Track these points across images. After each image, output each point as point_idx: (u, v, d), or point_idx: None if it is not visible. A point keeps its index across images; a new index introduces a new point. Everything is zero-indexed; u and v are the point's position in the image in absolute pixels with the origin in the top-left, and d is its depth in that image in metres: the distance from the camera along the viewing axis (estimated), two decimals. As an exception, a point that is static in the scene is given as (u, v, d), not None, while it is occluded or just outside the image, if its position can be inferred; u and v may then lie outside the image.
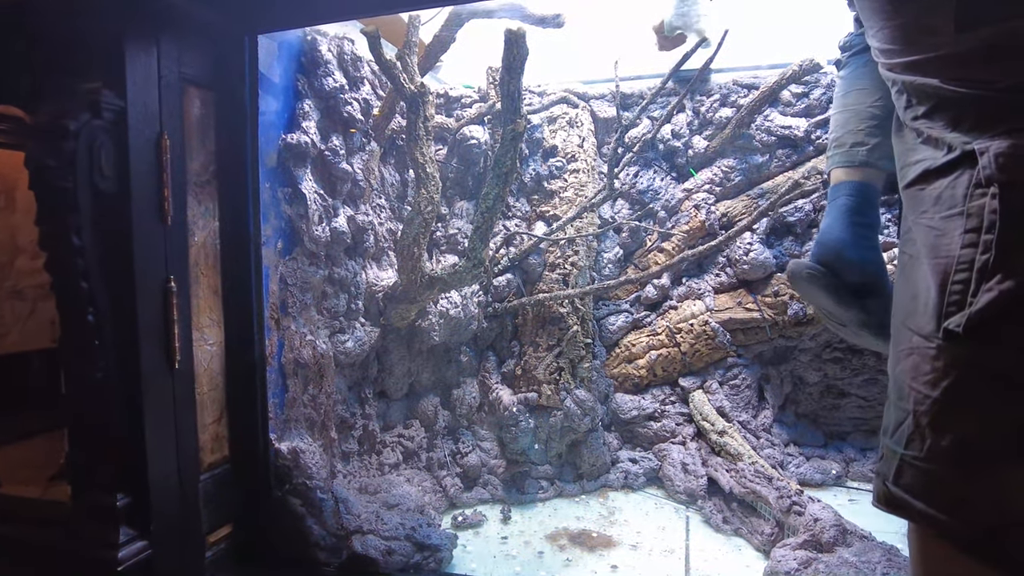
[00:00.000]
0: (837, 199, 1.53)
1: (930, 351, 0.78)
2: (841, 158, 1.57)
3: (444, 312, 2.52)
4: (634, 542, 2.22)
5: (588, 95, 2.97)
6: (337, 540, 1.96)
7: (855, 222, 1.48)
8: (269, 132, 2.00)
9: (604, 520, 2.41)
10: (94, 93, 1.53)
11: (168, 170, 1.67)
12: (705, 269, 2.91)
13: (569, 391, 2.64)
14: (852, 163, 1.54)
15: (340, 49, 2.21)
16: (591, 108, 2.95)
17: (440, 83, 3.04)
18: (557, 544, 2.21)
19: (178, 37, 1.70)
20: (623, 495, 2.66)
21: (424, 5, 1.82)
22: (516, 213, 2.88)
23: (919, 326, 0.82)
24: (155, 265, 1.66)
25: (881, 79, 1.35)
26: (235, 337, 1.94)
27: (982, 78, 0.76)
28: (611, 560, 2.10)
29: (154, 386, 1.65)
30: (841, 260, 1.43)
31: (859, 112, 1.57)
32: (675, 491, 2.57)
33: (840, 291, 1.38)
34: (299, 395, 2.12)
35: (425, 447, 2.61)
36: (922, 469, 0.79)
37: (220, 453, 1.94)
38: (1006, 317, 0.72)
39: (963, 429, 0.75)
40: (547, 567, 2.05)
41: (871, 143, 1.53)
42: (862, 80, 1.60)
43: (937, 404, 0.77)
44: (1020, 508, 0.71)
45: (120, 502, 1.61)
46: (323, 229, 2.11)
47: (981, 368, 0.74)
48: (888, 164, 1.51)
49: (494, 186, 1.95)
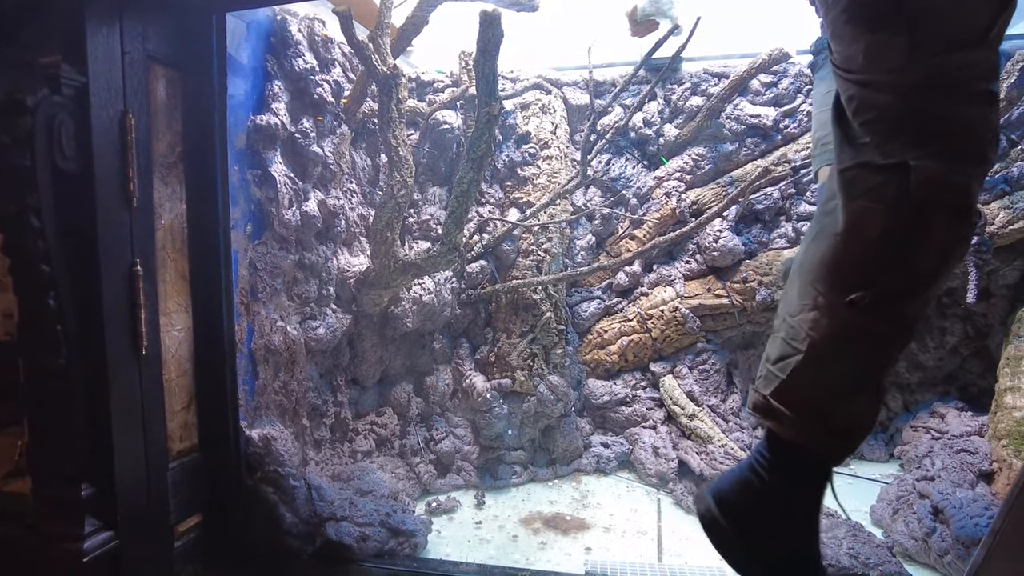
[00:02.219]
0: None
1: (832, 311, 1.00)
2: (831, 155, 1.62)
3: (417, 298, 2.50)
4: (607, 524, 2.25)
5: (561, 82, 2.96)
6: (310, 527, 1.94)
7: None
8: (238, 113, 1.95)
9: (577, 504, 2.43)
10: (52, 67, 1.46)
11: (133, 150, 1.61)
12: (675, 256, 2.95)
13: (542, 377, 2.65)
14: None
15: (311, 30, 2.16)
16: (564, 95, 2.95)
17: (412, 67, 2.99)
18: (531, 528, 2.23)
19: (142, 12, 1.64)
20: (595, 479, 2.69)
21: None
22: (489, 199, 2.87)
23: (826, 289, 1.01)
24: (120, 248, 1.60)
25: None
26: (204, 323, 1.89)
27: (921, 105, 0.92)
28: (585, 542, 2.12)
29: (120, 373, 1.60)
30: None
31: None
32: (646, 474, 2.61)
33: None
34: (270, 382, 2.08)
35: (398, 434, 2.60)
36: (804, 392, 1.04)
37: (189, 441, 1.90)
38: (893, 299, 0.96)
39: (841, 369, 1.01)
40: (522, 550, 2.07)
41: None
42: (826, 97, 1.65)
43: (827, 350, 1.01)
44: (865, 418, 1.02)
45: (84, 492, 1.56)
46: (293, 213, 2.07)
47: (865, 331, 0.98)
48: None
49: (468, 170, 1.94)
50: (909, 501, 2.14)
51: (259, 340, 2.02)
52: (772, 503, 1.11)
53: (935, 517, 1.97)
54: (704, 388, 2.81)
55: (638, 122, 2.97)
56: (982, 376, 2.84)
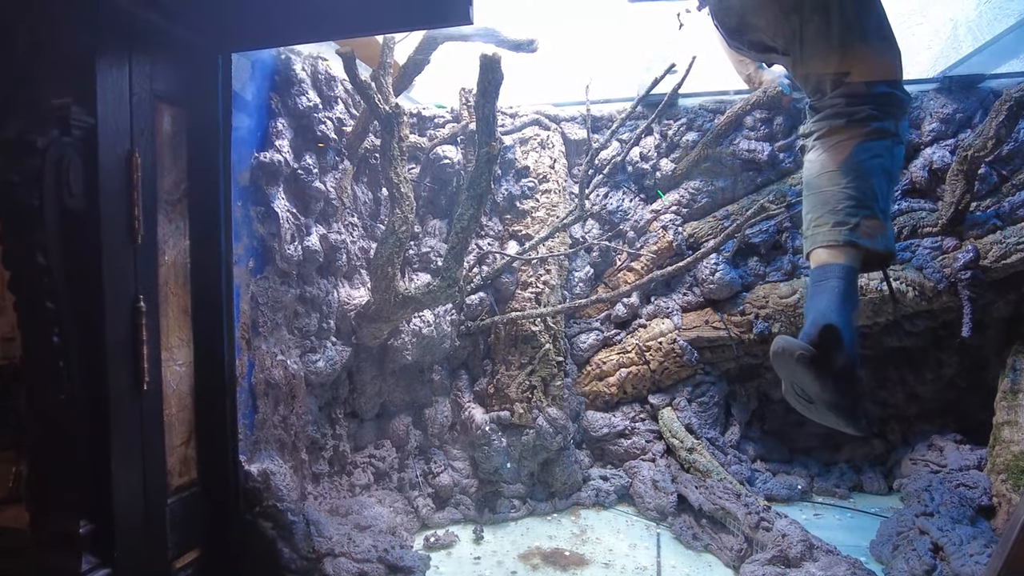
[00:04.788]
0: (828, 280, 1.63)
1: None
2: (825, 237, 1.69)
3: (417, 331, 2.51)
4: (606, 560, 2.24)
5: (560, 117, 3.02)
6: (308, 563, 1.93)
7: (848, 306, 1.56)
8: (241, 150, 1.99)
9: (576, 538, 2.42)
10: (63, 109, 1.50)
11: (138, 188, 1.64)
12: (673, 288, 2.97)
13: (541, 409, 2.66)
14: (837, 242, 1.64)
15: (314, 68, 2.21)
16: (562, 130, 3.01)
17: (413, 103, 3.05)
18: (530, 564, 2.21)
19: (150, 54, 1.69)
20: (595, 513, 2.68)
21: (397, 29, 1.84)
22: (489, 232, 2.90)
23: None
24: (124, 284, 1.62)
25: (850, 161, 1.69)
26: (205, 357, 1.90)
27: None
28: (584, 579, 2.11)
29: (121, 408, 1.61)
30: (836, 345, 1.51)
31: (835, 194, 1.68)
32: (646, 508, 2.60)
33: (825, 374, 1.46)
34: (269, 416, 2.09)
35: (397, 467, 2.59)
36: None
37: (188, 475, 1.89)
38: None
39: None
40: (520, 587, 2.05)
41: (852, 223, 1.64)
42: (832, 163, 1.72)
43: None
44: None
45: (83, 529, 1.55)
46: (295, 248, 2.10)
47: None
48: (867, 242, 1.63)
49: (468, 207, 1.97)
50: (909, 537, 2.13)
51: (259, 374, 2.03)
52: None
53: (935, 554, 1.97)
54: (703, 420, 2.81)
55: (636, 157, 3.01)
56: (980, 408, 2.85)
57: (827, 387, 1.46)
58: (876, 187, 1.66)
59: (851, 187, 1.65)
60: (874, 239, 1.62)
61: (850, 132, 1.69)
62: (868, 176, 1.65)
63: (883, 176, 1.67)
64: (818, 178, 1.74)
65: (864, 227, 1.61)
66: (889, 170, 1.69)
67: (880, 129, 1.68)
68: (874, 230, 1.62)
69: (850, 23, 1.68)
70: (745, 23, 1.85)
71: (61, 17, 1.53)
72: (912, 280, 2.64)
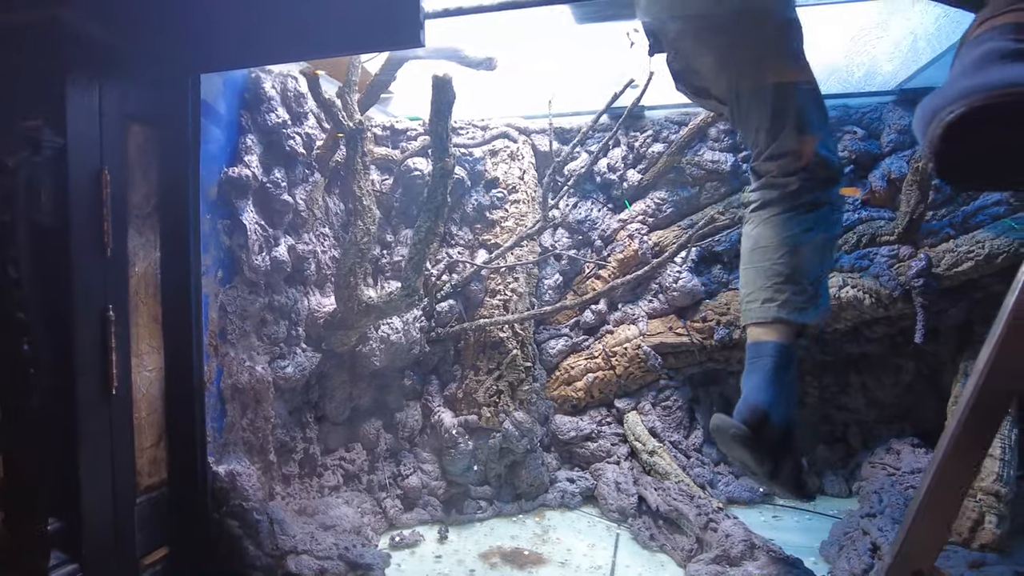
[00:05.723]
0: (760, 358, 1.70)
1: None
2: (755, 314, 1.75)
3: (385, 337, 2.61)
4: (563, 559, 2.32)
5: (530, 129, 3.11)
6: (272, 560, 2.01)
7: (778, 384, 1.64)
8: (211, 165, 2.08)
9: (537, 538, 2.50)
10: (34, 131, 1.59)
11: (108, 203, 1.73)
12: (640, 296, 3.06)
13: (508, 413, 2.74)
14: (766, 319, 1.71)
15: (284, 86, 2.31)
16: (532, 142, 3.10)
17: (389, 116, 3.15)
18: (489, 562, 2.30)
19: (120, 77, 1.77)
20: (559, 514, 2.76)
21: (354, 51, 1.93)
22: (459, 241, 3.00)
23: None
24: (94, 295, 1.71)
25: (781, 236, 1.71)
26: (174, 363, 1.99)
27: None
28: (539, 576, 2.20)
29: (90, 412, 1.70)
30: (766, 424, 1.60)
31: (766, 269, 1.74)
32: (608, 509, 2.68)
33: (759, 450, 1.57)
34: (238, 420, 2.18)
35: (367, 469, 2.68)
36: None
37: (158, 476, 1.98)
38: None
39: None
40: (477, 584, 2.14)
41: (780, 299, 1.69)
42: (764, 238, 1.77)
43: None
44: None
45: (52, 527, 1.64)
46: (263, 258, 2.19)
47: None
48: (796, 317, 1.69)
49: (426, 219, 2.06)
50: (852, 537, 2.21)
51: (228, 380, 2.12)
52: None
53: (873, 554, 2.05)
54: (666, 424, 2.89)
55: (603, 168, 3.11)
56: (937, 412, 2.92)
57: (763, 463, 1.56)
58: (807, 261, 1.70)
59: (781, 263, 1.70)
60: (804, 312, 1.68)
61: (782, 206, 1.74)
62: (799, 251, 1.69)
63: (815, 248, 1.71)
64: (751, 253, 1.79)
65: (793, 303, 1.67)
66: (823, 241, 1.73)
67: (812, 201, 1.71)
68: (805, 303, 1.67)
69: (784, 89, 1.72)
70: (691, 68, 1.89)
71: (31, 45, 1.63)
72: (869, 287, 2.73)
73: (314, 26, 1.78)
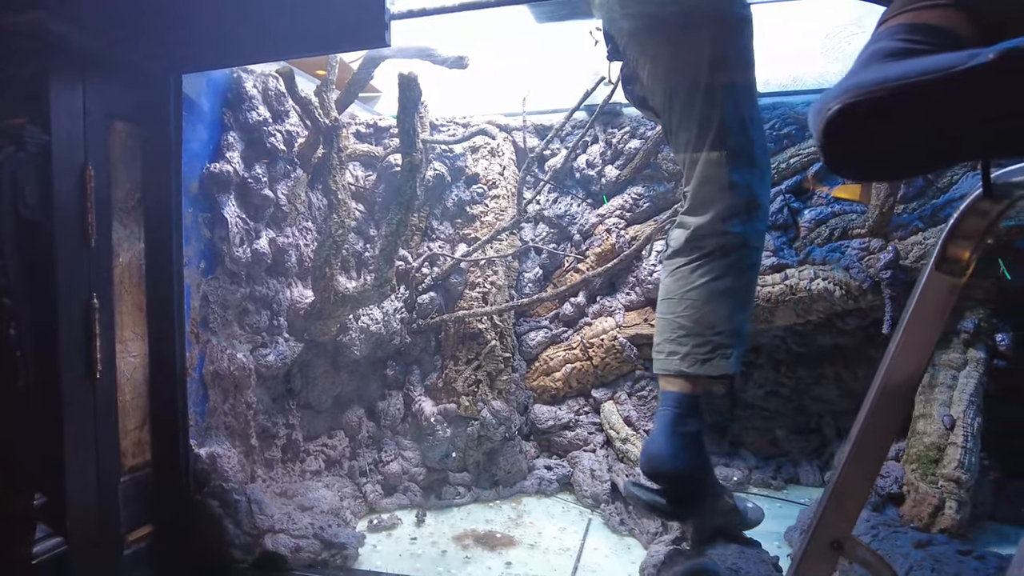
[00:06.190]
0: (664, 408, 1.78)
1: None
2: (660, 365, 1.82)
3: (365, 328, 2.70)
4: (533, 542, 2.41)
5: (510, 127, 3.19)
6: (251, 539, 2.11)
7: (675, 434, 1.72)
8: (194, 162, 2.18)
9: (511, 523, 2.59)
10: (18, 128, 1.69)
11: (91, 198, 1.83)
12: (617, 289, 3.13)
13: (486, 402, 2.83)
14: (668, 371, 1.78)
15: (265, 85, 2.40)
16: (513, 138, 3.18)
17: (374, 114, 3.24)
18: (461, 544, 2.39)
19: (104, 77, 1.87)
20: (536, 500, 2.84)
21: (323, 51, 2.02)
22: (440, 235, 3.09)
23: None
24: (78, 284, 1.81)
25: (683, 290, 1.75)
26: (158, 350, 2.09)
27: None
28: (508, 557, 2.28)
29: (74, 394, 1.80)
30: (660, 475, 1.72)
31: (671, 322, 1.79)
32: (583, 496, 2.76)
33: (675, 509, 1.78)
34: (219, 405, 2.28)
35: (348, 456, 2.78)
36: None
37: (142, 457, 2.08)
38: None
39: None
40: (447, 564, 2.23)
41: (681, 352, 1.74)
42: (669, 290, 1.81)
43: None
44: None
45: (37, 501, 1.74)
46: (244, 250, 2.29)
47: None
48: (699, 369, 1.75)
49: (396, 213, 2.15)
50: (813, 521, 2.27)
51: (209, 366, 2.22)
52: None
53: (829, 535, 2.10)
54: (641, 413, 2.96)
55: (583, 164, 3.18)
56: (908, 404, 2.98)
57: (674, 511, 1.75)
58: (712, 313, 1.70)
59: (683, 316, 1.72)
60: (707, 364, 1.70)
61: (689, 255, 1.74)
62: (702, 303, 1.70)
63: (722, 298, 1.70)
64: (660, 303, 1.83)
65: (694, 356, 1.70)
66: (731, 289, 1.72)
67: (720, 247, 1.71)
68: (708, 355, 1.69)
69: (714, 113, 1.69)
70: (635, 75, 1.88)
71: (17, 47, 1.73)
72: (839, 280, 2.79)
73: (286, 28, 1.87)
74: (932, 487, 2.38)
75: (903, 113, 0.82)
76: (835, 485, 1.29)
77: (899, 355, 1.25)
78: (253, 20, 1.91)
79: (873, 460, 1.29)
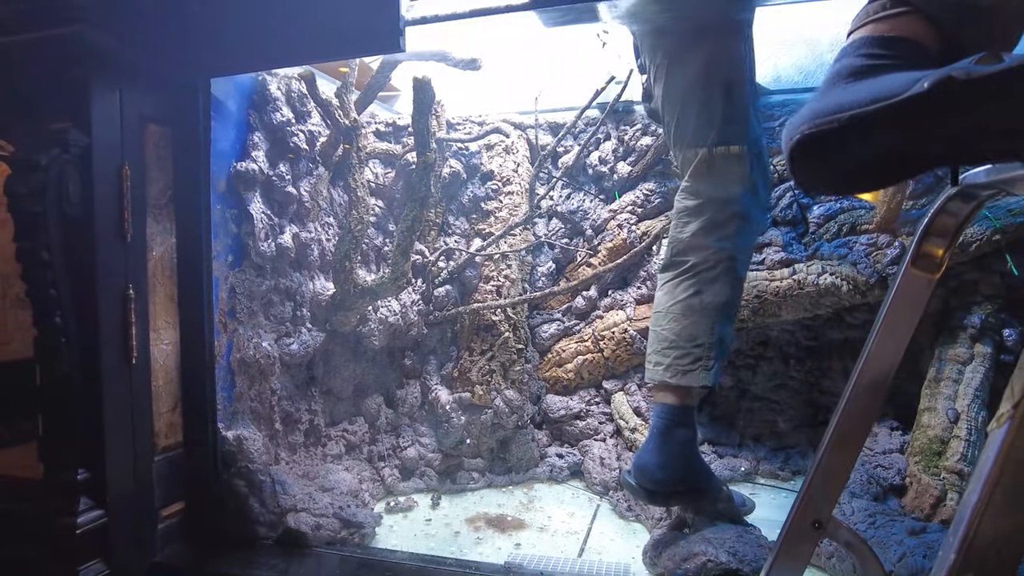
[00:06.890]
0: (653, 419, 1.91)
1: None
2: (648, 375, 1.96)
3: (384, 319, 2.82)
4: (543, 525, 2.51)
5: (524, 124, 3.28)
6: (275, 517, 2.24)
7: (663, 444, 1.84)
8: (222, 161, 2.31)
9: (523, 507, 2.69)
10: (63, 132, 1.83)
11: (128, 195, 1.97)
12: (629, 283, 3.21)
13: (499, 391, 2.93)
14: (654, 381, 1.90)
15: (288, 88, 2.52)
16: (526, 136, 3.26)
17: (393, 113, 3.36)
18: (474, 526, 2.50)
19: (139, 83, 2.01)
20: (547, 486, 2.94)
21: (341, 56, 2.13)
22: (456, 231, 3.19)
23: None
24: (115, 276, 1.95)
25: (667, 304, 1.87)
26: (188, 338, 2.23)
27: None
28: (517, 539, 2.38)
29: (112, 378, 1.94)
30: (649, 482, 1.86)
31: (657, 335, 1.90)
32: (593, 483, 2.86)
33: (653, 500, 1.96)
34: (246, 391, 2.41)
35: (368, 441, 2.90)
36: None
37: (174, 438, 2.22)
38: None
39: None
40: (459, 544, 2.34)
41: (665, 363, 1.85)
42: (659, 303, 1.92)
43: None
44: None
45: (80, 476, 1.89)
46: (269, 245, 2.41)
47: None
48: (681, 380, 1.85)
49: (411, 209, 2.26)
50: (813, 509, 2.34)
51: (236, 354, 2.36)
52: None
53: (826, 522, 2.17)
54: (651, 404, 3.04)
55: (595, 160, 3.26)
56: (916, 397, 3.01)
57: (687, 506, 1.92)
58: (693, 325, 1.79)
59: (667, 328, 1.84)
60: (687, 375, 1.80)
61: (674, 270, 1.86)
62: (684, 315, 1.80)
63: (703, 311, 1.79)
64: (652, 316, 1.98)
65: (676, 366, 1.80)
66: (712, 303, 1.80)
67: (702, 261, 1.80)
68: (690, 366, 1.79)
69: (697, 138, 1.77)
70: (650, 89, 2.01)
71: (60, 57, 1.87)
72: (847, 275, 2.83)
73: (307, 35, 1.99)
74: (934, 479, 2.42)
75: (857, 141, 0.88)
76: (817, 469, 1.37)
77: (876, 347, 1.32)
78: (276, 28, 2.02)
79: (852, 446, 1.37)
